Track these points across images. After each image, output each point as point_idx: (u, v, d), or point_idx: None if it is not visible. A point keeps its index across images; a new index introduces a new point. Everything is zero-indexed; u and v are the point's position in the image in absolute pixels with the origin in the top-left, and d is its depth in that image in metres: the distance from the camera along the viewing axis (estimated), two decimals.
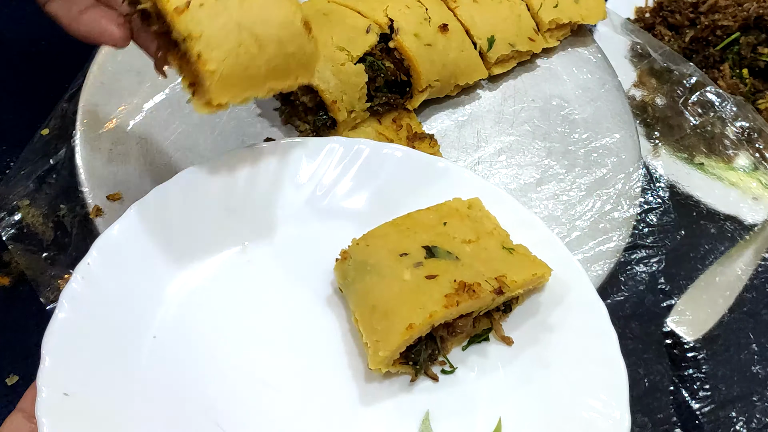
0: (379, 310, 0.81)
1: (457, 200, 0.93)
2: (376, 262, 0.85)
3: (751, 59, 1.32)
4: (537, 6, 1.21)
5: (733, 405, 1.01)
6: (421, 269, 0.84)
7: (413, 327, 0.78)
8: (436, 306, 0.80)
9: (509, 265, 0.86)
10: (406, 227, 0.89)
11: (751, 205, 1.18)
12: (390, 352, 0.79)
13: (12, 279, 1.05)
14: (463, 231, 0.90)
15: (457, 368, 0.86)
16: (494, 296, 0.82)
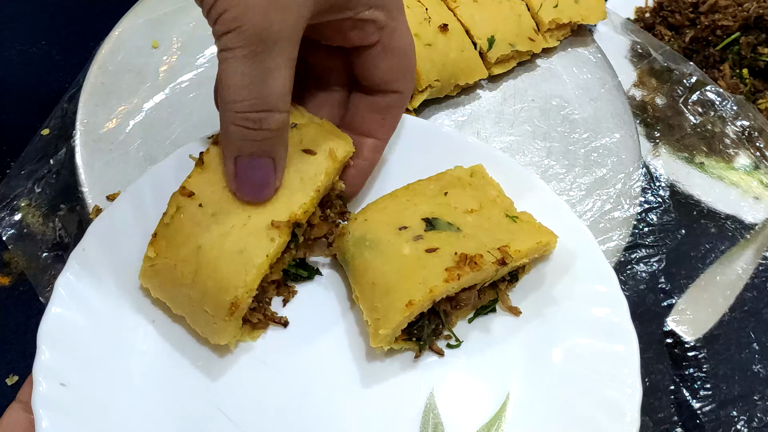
0: (379, 286, 0.79)
1: (459, 168, 0.91)
2: (374, 237, 0.82)
3: (751, 59, 1.32)
4: (537, 6, 1.21)
5: (734, 404, 1.01)
6: (421, 243, 0.81)
7: (413, 303, 0.76)
8: (436, 280, 0.77)
9: (513, 233, 0.83)
10: (406, 199, 0.87)
11: (752, 205, 1.18)
12: (391, 330, 0.77)
13: (12, 279, 1.05)
14: (464, 200, 0.87)
15: (462, 342, 0.84)
16: (498, 267, 0.80)
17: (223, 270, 0.76)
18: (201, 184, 0.80)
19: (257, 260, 0.76)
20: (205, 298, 0.77)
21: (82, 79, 1.10)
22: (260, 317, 0.82)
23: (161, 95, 1.11)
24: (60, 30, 1.03)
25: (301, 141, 0.82)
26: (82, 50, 1.13)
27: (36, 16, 1.30)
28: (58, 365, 0.76)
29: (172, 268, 0.77)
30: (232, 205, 0.78)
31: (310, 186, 0.80)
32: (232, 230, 0.77)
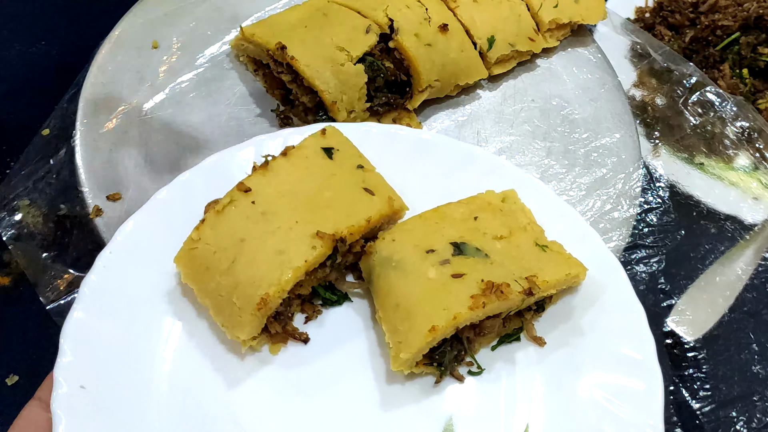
0: (402, 309, 0.79)
1: (491, 193, 0.90)
2: (401, 258, 0.82)
3: (751, 59, 1.32)
4: (537, 6, 1.21)
5: (734, 405, 1.01)
6: (448, 267, 0.81)
7: (436, 329, 0.76)
8: (461, 307, 0.77)
9: (542, 263, 0.82)
10: (435, 222, 0.86)
11: (751, 205, 1.18)
12: (412, 354, 0.76)
13: (12, 279, 1.05)
14: (494, 226, 0.86)
15: (484, 369, 0.83)
16: (524, 297, 0.79)
17: (261, 265, 0.78)
18: (260, 184, 0.84)
19: (295, 263, 0.78)
20: (237, 288, 0.78)
21: (82, 79, 1.10)
22: (279, 329, 0.82)
23: (161, 95, 1.11)
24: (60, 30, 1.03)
25: (363, 181, 0.87)
26: (82, 50, 1.13)
27: (36, 16, 1.30)
28: (79, 367, 0.77)
29: (211, 254, 0.80)
30: (283, 209, 0.82)
31: (361, 215, 0.83)
32: (277, 231, 0.80)
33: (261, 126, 1.10)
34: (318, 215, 0.81)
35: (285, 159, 0.86)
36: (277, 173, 0.85)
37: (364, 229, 0.83)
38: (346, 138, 0.91)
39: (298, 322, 0.86)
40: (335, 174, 0.87)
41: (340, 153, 0.89)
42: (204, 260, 0.80)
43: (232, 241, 0.80)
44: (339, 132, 0.91)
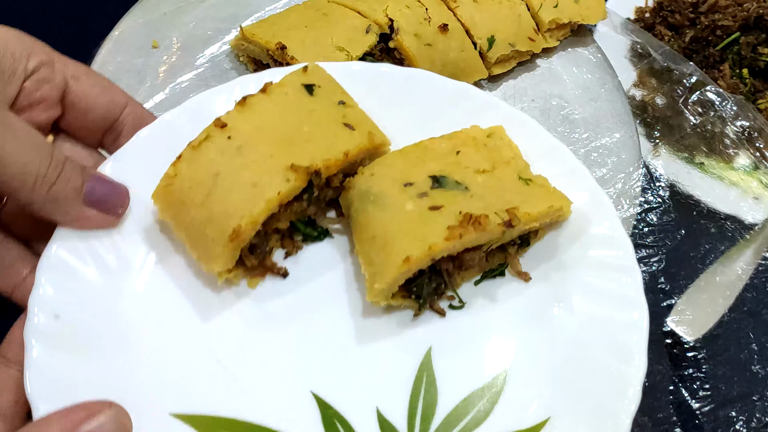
0: (378, 241, 0.79)
1: (475, 128, 0.89)
2: (379, 192, 0.82)
3: (751, 59, 1.32)
4: (537, 6, 1.21)
5: (733, 404, 1.01)
6: (426, 200, 0.80)
7: (410, 260, 0.75)
8: (437, 238, 0.76)
9: (524, 196, 0.81)
10: (415, 156, 0.85)
11: (752, 205, 1.18)
12: (386, 284, 0.76)
13: None
14: (477, 160, 0.85)
15: (466, 303, 0.82)
16: (504, 229, 0.78)
17: (234, 198, 0.78)
18: (237, 120, 0.83)
19: (268, 195, 0.77)
20: (211, 221, 0.78)
21: None
22: (255, 262, 0.82)
23: (161, 95, 1.11)
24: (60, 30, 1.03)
25: (344, 116, 0.86)
26: (82, 50, 1.13)
27: (36, 16, 1.30)
28: (54, 298, 0.77)
29: (186, 188, 0.80)
30: (259, 144, 0.81)
31: (339, 148, 0.82)
32: (252, 164, 0.80)
33: None
34: (295, 149, 0.81)
35: (264, 95, 0.86)
36: (255, 109, 0.84)
37: (342, 163, 0.83)
38: (329, 75, 0.90)
39: (279, 258, 0.86)
40: (315, 110, 0.86)
41: (321, 89, 0.88)
42: (180, 195, 0.81)
43: (207, 175, 0.80)
44: (322, 69, 0.90)
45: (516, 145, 0.88)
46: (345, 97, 0.88)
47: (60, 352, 0.75)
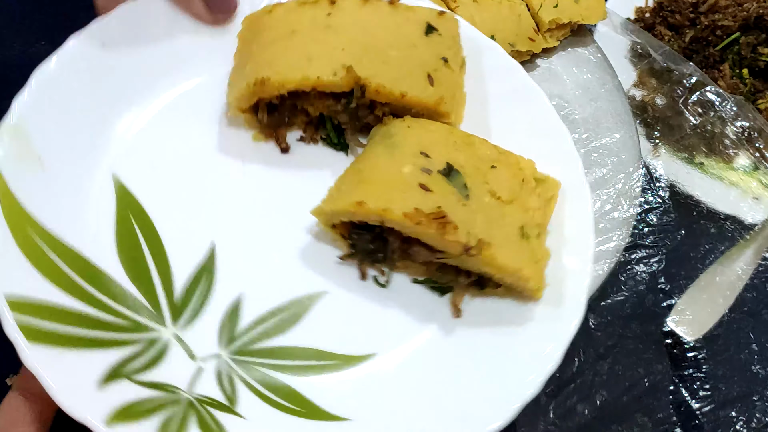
0: (359, 175, 0.79)
1: (531, 163, 0.85)
2: (398, 142, 0.81)
3: (751, 59, 1.32)
4: (537, 6, 1.21)
5: (733, 405, 1.01)
6: (424, 176, 0.77)
7: (362, 206, 0.74)
8: (397, 207, 0.73)
9: (508, 244, 0.76)
10: (459, 141, 0.83)
11: (752, 205, 1.18)
12: (330, 210, 0.77)
13: None
14: (502, 185, 0.81)
15: (386, 286, 0.82)
16: (462, 251, 0.74)
17: (286, 56, 0.82)
18: (347, 4, 0.87)
19: (308, 72, 0.80)
20: (256, 61, 0.83)
21: None
22: (266, 121, 0.85)
23: None
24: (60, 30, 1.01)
25: (435, 70, 0.86)
26: None
27: (36, 16, 1.30)
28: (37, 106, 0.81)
29: (267, 26, 0.86)
30: (344, 33, 0.84)
31: (402, 87, 0.83)
32: (323, 43, 0.83)
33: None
34: (367, 58, 0.82)
35: (389, 5, 0.88)
36: (370, 7, 0.86)
37: (393, 100, 0.83)
38: (456, 32, 0.90)
39: (294, 137, 0.89)
40: (416, 46, 0.86)
41: (438, 37, 0.88)
42: (259, 28, 0.86)
43: (288, 28, 0.84)
44: (455, 24, 0.91)
45: (551, 209, 0.83)
46: (454, 58, 0.88)
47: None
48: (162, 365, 0.74)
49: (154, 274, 0.79)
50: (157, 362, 0.74)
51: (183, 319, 0.78)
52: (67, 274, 0.75)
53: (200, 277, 0.80)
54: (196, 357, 0.76)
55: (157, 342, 0.76)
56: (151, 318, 0.77)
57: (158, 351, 0.75)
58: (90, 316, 0.74)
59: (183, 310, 0.78)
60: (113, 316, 0.75)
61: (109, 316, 0.75)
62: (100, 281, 0.76)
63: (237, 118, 0.87)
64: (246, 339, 0.77)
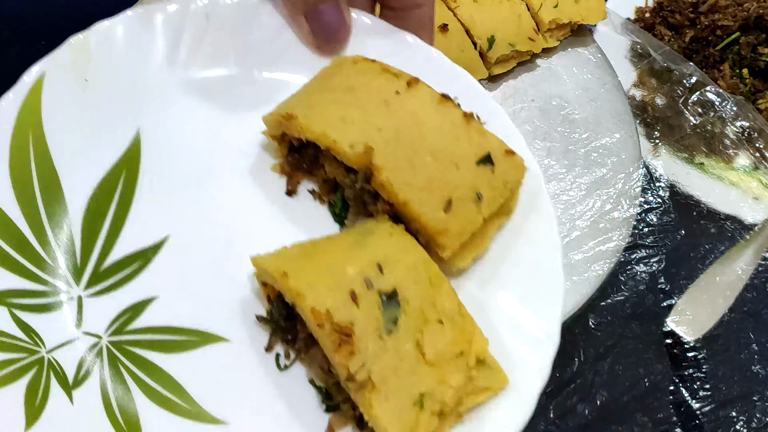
0: (310, 249, 0.74)
1: (484, 343, 0.74)
2: (367, 242, 0.74)
3: (751, 59, 1.32)
4: (537, 6, 1.21)
5: (734, 404, 1.01)
6: (361, 287, 0.70)
7: (284, 277, 0.69)
8: (311, 298, 0.68)
9: (395, 403, 0.68)
10: (425, 275, 0.74)
11: (752, 205, 1.18)
12: (263, 265, 0.73)
13: None
14: (436, 344, 0.71)
15: (282, 371, 0.76)
16: (345, 377, 0.68)
17: (324, 106, 0.78)
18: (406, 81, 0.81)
19: (332, 132, 0.76)
20: (298, 100, 0.81)
21: None
22: (286, 154, 0.83)
23: None
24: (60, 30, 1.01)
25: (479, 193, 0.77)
26: None
27: (36, 16, 1.30)
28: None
29: (328, 75, 0.83)
30: (382, 112, 0.78)
31: (413, 196, 0.75)
32: (361, 115, 0.77)
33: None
34: (395, 151, 0.75)
35: (461, 116, 0.78)
36: (443, 109, 0.78)
37: (395, 202, 0.76)
38: (515, 182, 0.80)
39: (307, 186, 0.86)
40: (458, 169, 0.76)
41: (489, 173, 0.78)
42: (336, 71, 0.82)
43: (351, 84, 0.79)
44: (519, 174, 0.80)
45: (476, 400, 0.73)
46: (490, 201, 0.77)
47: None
48: (44, 315, 0.74)
49: (102, 237, 0.79)
50: (43, 310, 0.74)
51: (96, 288, 0.77)
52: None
53: (135, 260, 0.78)
54: (80, 328, 0.75)
55: (58, 294, 0.76)
56: (71, 272, 0.77)
57: (53, 302, 0.75)
58: (18, 238, 0.76)
59: (101, 280, 0.77)
60: (39, 254, 0.76)
61: (35, 251, 0.76)
62: (40, 228, 0.78)
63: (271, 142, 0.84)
64: (130, 338, 0.76)
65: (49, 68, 0.81)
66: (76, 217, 0.79)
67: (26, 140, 0.80)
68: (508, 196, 0.79)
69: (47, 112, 0.80)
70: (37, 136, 0.80)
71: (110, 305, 0.76)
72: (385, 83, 0.79)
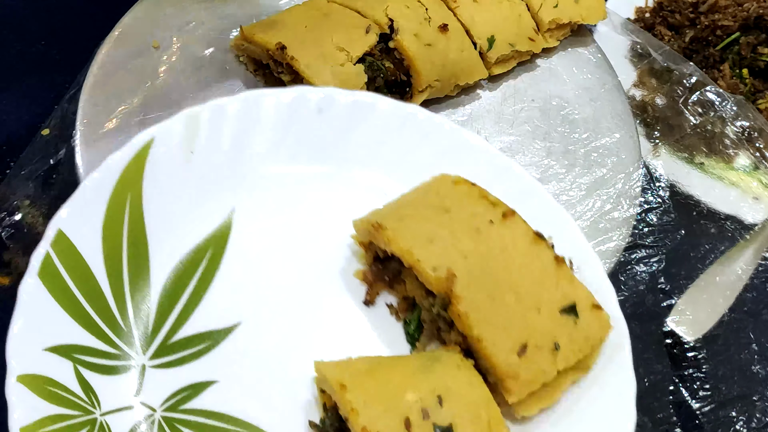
0: (374, 365, 0.74)
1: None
2: (433, 369, 0.73)
3: (751, 59, 1.32)
4: (537, 6, 1.21)
5: (734, 404, 1.01)
6: (417, 416, 0.69)
7: (342, 389, 0.69)
8: (363, 415, 0.67)
9: None
10: (485, 417, 0.73)
11: (752, 205, 1.18)
12: (323, 372, 0.73)
13: (12, 279, 1.05)
14: None
15: None
16: None
17: (415, 223, 0.78)
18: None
19: (417, 251, 0.76)
20: (400, 206, 0.83)
21: (82, 79, 1.10)
22: (370, 265, 0.83)
23: (161, 95, 1.11)
24: (60, 30, 1.02)
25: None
26: (82, 50, 1.13)
27: (36, 16, 1.30)
28: None
29: (438, 191, 0.82)
30: (472, 239, 0.78)
31: (490, 335, 0.74)
32: (450, 238, 0.78)
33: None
34: (478, 283, 0.74)
35: (554, 259, 0.78)
36: (536, 249, 0.77)
37: (469, 337, 0.74)
38: (596, 339, 0.80)
39: None
40: (539, 314, 0.75)
41: (572, 323, 0.77)
42: (437, 189, 0.82)
43: (447, 205, 0.79)
44: (603, 332, 0.80)
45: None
46: (567, 353, 0.77)
47: None
48: (107, 377, 0.74)
49: (176, 310, 0.79)
50: (106, 372, 0.74)
51: (161, 360, 0.77)
52: None
53: (204, 339, 0.78)
54: (138, 396, 0.75)
55: (125, 359, 0.75)
56: (141, 340, 0.77)
57: (118, 365, 0.75)
58: (98, 297, 0.76)
59: (168, 354, 0.77)
60: (115, 317, 0.76)
61: (111, 313, 0.76)
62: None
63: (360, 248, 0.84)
64: (183, 417, 0.75)
65: (159, 134, 0.81)
66: (157, 287, 0.79)
67: (124, 202, 0.79)
68: (588, 353, 0.77)
69: (149, 177, 0.81)
70: (135, 199, 0.80)
71: (171, 380, 0.76)
72: (480, 210, 0.78)
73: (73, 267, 0.75)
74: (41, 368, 0.70)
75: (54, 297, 0.74)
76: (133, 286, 0.78)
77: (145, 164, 0.80)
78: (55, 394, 0.70)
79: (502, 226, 0.77)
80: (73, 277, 0.75)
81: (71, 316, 0.74)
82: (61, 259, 0.75)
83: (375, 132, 0.88)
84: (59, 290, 0.74)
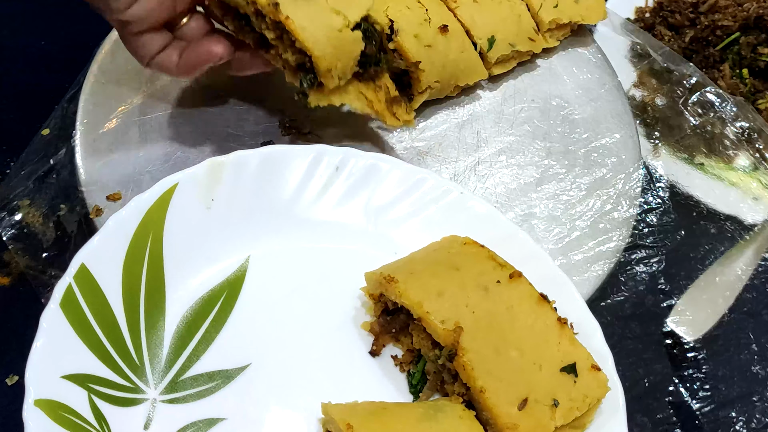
0: (378, 410, 0.78)
1: None
2: (438, 418, 0.76)
3: (751, 59, 1.32)
4: (537, 6, 1.21)
5: (733, 405, 1.01)
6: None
7: (349, 429, 0.72)
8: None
9: None
10: None
11: (751, 205, 1.18)
12: (330, 413, 0.76)
13: (12, 279, 1.05)
14: None
15: None
16: None
17: (426, 278, 0.82)
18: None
19: (427, 304, 0.79)
20: (411, 260, 0.87)
21: (82, 79, 1.10)
22: (377, 316, 0.85)
23: (161, 95, 1.11)
24: (60, 30, 1.02)
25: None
26: (82, 50, 1.13)
27: (36, 16, 1.30)
28: None
29: (450, 249, 0.87)
30: (479, 296, 0.82)
31: (492, 386, 0.78)
32: (458, 294, 0.81)
33: (264, 127, 1.09)
34: (484, 338, 0.78)
35: (556, 321, 0.81)
36: (540, 310, 0.82)
37: (472, 388, 0.77)
38: (594, 400, 0.82)
39: None
40: (540, 371, 0.78)
41: (572, 383, 0.80)
42: (448, 247, 0.86)
43: (457, 263, 0.82)
44: (600, 392, 0.82)
45: None
46: (567, 411, 0.79)
47: None
48: (120, 408, 0.76)
49: (189, 349, 0.82)
50: (119, 403, 0.76)
51: (171, 395, 0.79)
52: None
53: (214, 378, 0.81)
54: (147, 430, 0.77)
55: (138, 393, 0.78)
56: (153, 375, 0.79)
57: (131, 398, 0.77)
58: (115, 331, 0.79)
59: (178, 390, 0.79)
60: (129, 351, 0.80)
61: (127, 348, 0.79)
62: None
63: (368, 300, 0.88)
64: None
65: (183, 180, 0.85)
66: (171, 325, 0.82)
67: (146, 241, 0.83)
68: (585, 411, 0.80)
69: (171, 220, 0.84)
70: (156, 239, 0.84)
71: (180, 415, 0.78)
72: (488, 270, 0.82)
73: (93, 300, 0.78)
74: (58, 394, 0.73)
75: (73, 327, 0.77)
76: (149, 322, 0.81)
77: (168, 207, 0.84)
78: (69, 421, 0.72)
79: (508, 287, 0.81)
80: (92, 310, 0.78)
81: (88, 347, 0.77)
82: (82, 291, 0.78)
83: (388, 192, 0.93)
84: (78, 321, 0.77)
